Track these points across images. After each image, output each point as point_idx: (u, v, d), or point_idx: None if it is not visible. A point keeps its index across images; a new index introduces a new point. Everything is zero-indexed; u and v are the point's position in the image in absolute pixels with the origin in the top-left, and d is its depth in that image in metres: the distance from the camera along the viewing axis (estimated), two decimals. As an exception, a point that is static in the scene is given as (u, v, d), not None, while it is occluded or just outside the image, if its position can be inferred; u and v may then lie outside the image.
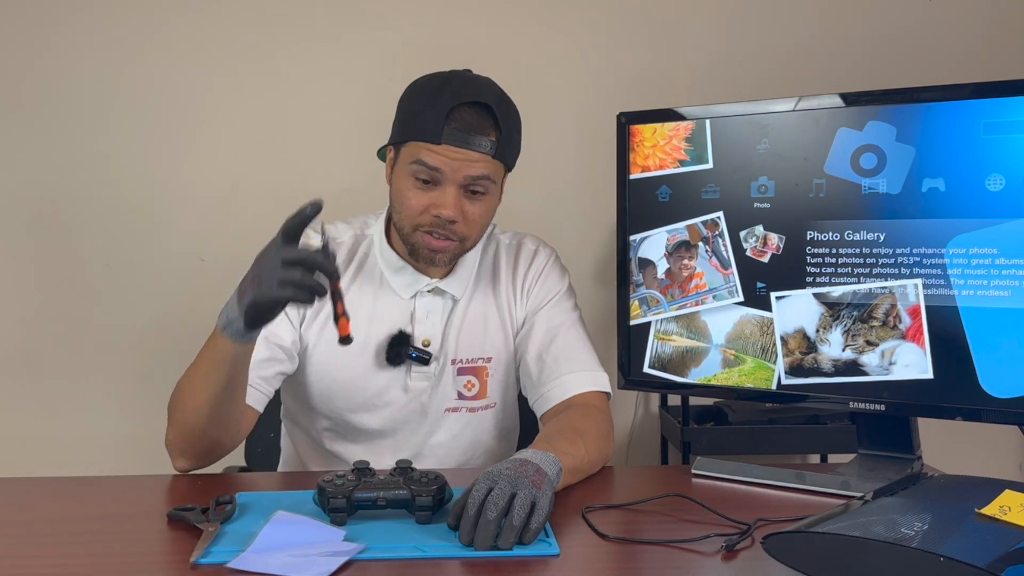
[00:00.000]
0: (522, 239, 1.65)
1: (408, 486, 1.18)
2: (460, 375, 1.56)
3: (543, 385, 1.54)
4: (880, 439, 1.42)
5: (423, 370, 1.53)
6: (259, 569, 1.02)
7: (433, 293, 1.55)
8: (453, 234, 1.46)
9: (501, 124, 1.44)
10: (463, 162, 1.42)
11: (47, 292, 2.36)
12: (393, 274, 1.55)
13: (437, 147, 1.41)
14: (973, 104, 1.30)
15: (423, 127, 1.42)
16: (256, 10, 2.34)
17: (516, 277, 1.61)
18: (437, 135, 1.41)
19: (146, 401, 2.37)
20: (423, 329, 1.54)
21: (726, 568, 1.08)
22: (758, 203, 1.45)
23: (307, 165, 2.37)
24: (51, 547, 1.15)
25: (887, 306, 1.36)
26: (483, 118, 1.43)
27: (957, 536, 0.94)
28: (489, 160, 1.44)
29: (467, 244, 1.50)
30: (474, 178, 1.43)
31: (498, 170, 1.47)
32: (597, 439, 1.43)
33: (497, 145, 1.44)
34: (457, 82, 1.45)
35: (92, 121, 2.33)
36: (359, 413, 1.54)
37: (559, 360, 1.54)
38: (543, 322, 1.57)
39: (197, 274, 2.36)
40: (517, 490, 1.12)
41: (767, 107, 1.45)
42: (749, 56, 2.41)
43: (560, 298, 1.60)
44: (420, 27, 2.36)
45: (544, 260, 1.63)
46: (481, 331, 1.57)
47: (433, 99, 1.43)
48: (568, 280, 1.64)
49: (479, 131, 1.42)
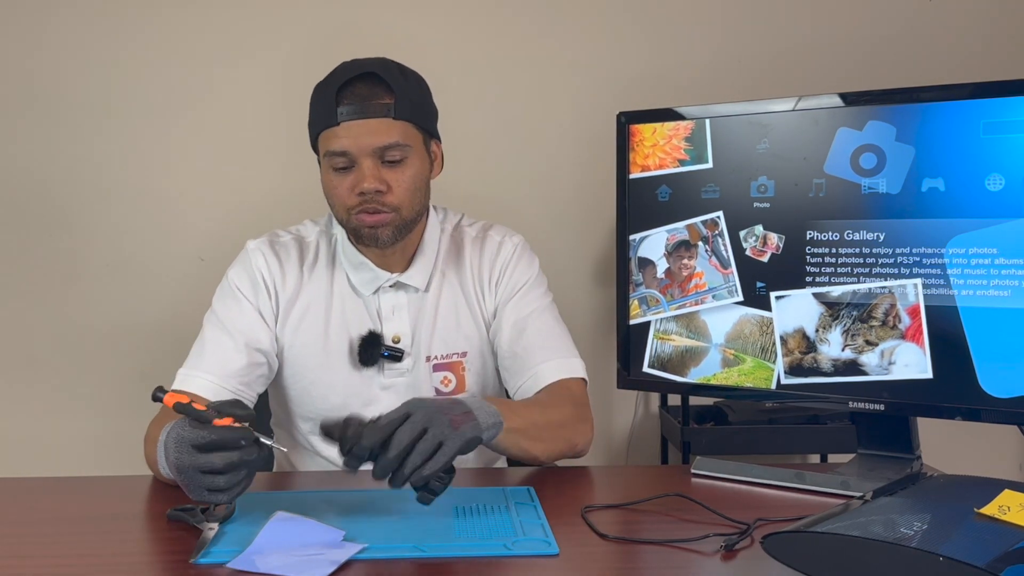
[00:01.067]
0: (488, 230, 1.63)
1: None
2: (436, 371, 1.56)
3: (518, 378, 1.54)
4: (880, 439, 1.42)
5: (397, 367, 1.53)
6: (259, 569, 1.03)
7: (396, 288, 1.55)
8: (384, 206, 1.45)
9: (393, 86, 1.44)
10: (364, 135, 1.42)
11: (47, 292, 2.36)
12: (354, 271, 1.55)
13: (338, 128, 1.43)
14: (973, 104, 1.30)
15: (321, 117, 1.46)
16: (258, 8, 2.34)
17: (483, 269, 1.59)
18: (333, 117, 1.43)
19: (146, 401, 2.35)
20: (392, 326, 1.54)
21: (726, 568, 1.08)
22: (758, 203, 1.45)
23: (307, 165, 2.36)
24: (51, 547, 1.15)
25: (887, 306, 1.36)
26: (373, 86, 1.44)
27: (957, 536, 0.94)
28: (391, 123, 1.43)
29: (404, 213, 1.48)
30: (384, 147, 1.43)
31: (408, 132, 1.46)
32: (561, 415, 1.43)
33: (395, 107, 1.43)
34: (343, 67, 1.48)
35: (92, 121, 2.33)
36: (338, 414, 1.53)
37: (529, 350, 1.53)
38: (512, 314, 1.57)
39: (197, 274, 2.36)
40: (430, 426, 1.14)
41: (767, 107, 1.45)
42: (749, 56, 2.41)
43: (529, 287, 1.59)
44: (420, 27, 2.36)
45: (511, 250, 1.60)
46: (453, 326, 1.57)
47: (322, 88, 1.47)
48: (537, 266, 1.62)
49: (371, 98, 1.43)
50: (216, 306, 1.54)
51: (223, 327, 1.51)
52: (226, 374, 1.47)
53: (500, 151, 2.35)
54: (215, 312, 1.53)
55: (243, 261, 1.56)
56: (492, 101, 2.34)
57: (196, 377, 1.48)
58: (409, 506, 1.21)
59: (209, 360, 1.48)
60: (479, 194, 2.26)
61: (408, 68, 1.50)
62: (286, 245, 1.57)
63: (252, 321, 1.51)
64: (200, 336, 1.53)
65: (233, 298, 1.53)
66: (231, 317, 1.51)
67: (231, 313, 1.52)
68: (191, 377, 1.48)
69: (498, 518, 1.20)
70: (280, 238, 1.59)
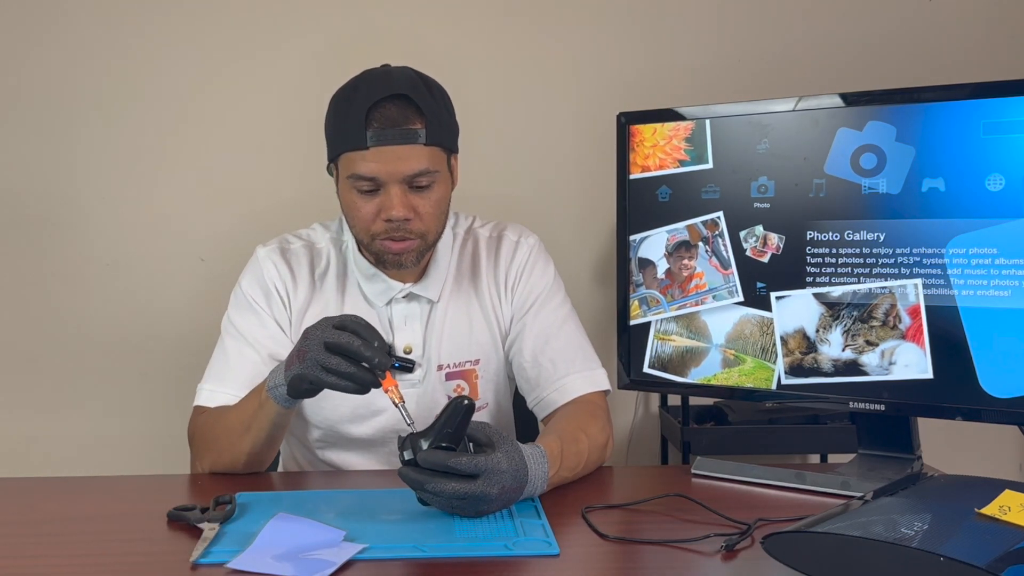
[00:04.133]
0: (503, 231, 1.61)
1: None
2: (448, 380, 1.54)
3: (542, 388, 1.53)
4: (880, 439, 1.42)
5: (408, 378, 1.51)
6: (259, 569, 1.03)
7: (408, 299, 1.53)
8: (410, 232, 1.43)
9: (424, 110, 1.40)
10: (396, 161, 1.39)
11: (47, 292, 2.36)
12: (366, 282, 1.53)
13: (366, 152, 1.39)
14: (973, 104, 1.30)
15: (347, 136, 1.41)
16: (257, 7, 2.34)
17: (498, 273, 1.58)
18: (362, 140, 1.39)
19: (146, 401, 2.37)
20: (403, 336, 1.53)
21: (726, 568, 1.08)
22: (758, 203, 1.45)
23: (307, 165, 2.36)
24: (51, 547, 1.15)
25: (887, 306, 1.36)
26: (403, 109, 1.39)
27: (957, 536, 0.94)
28: (422, 149, 1.40)
29: (429, 238, 1.47)
30: (413, 175, 1.41)
31: (436, 157, 1.43)
32: (596, 447, 1.43)
33: (426, 132, 1.40)
34: (368, 81, 1.43)
35: (92, 121, 2.33)
36: (348, 424, 1.53)
37: (556, 362, 1.53)
38: (535, 323, 1.55)
39: (197, 274, 2.36)
40: (478, 503, 1.16)
41: (767, 107, 1.45)
42: (749, 56, 2.41)
43: (549, 294, 1.57)
44: (420, 26, 2.36)
45: (526, 253, 1.59)
46: (465, 333, 1.55)
47: (348, 106, 1.41)
48: (553, 269, 1.61)
49: (401, 123, 1.39)
50: (234, 318, 1.53)
51: (244, 339, 1.50)
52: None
53: (500, 151, 2.34)
54: (234, 324, 1.52)
55: (254, 270, 1.54)
56: (492, 102, 2.34)
57: (224, 393, 1.47)
58: (410, 506, 1.21)
59: (236, 373, 1.47)
60: (479, 194, 2.25)
61: (432, 81, 1.47)
62: (296, 253, 1.55)
63: (273, 332, 1.51)
64: (221, 348, 1.52)
65: (250, 310, 1.52)
66: (251, 329, 1.50)
67: (250, 325, 1.51)
68: (218, 393, 1.47)
69: (499, 518, 1.20)
70: (291, 245, 1.56)
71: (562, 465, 1.32)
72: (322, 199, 1.54)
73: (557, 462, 1.30)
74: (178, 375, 2.31)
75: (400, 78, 1.43)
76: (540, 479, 1.25)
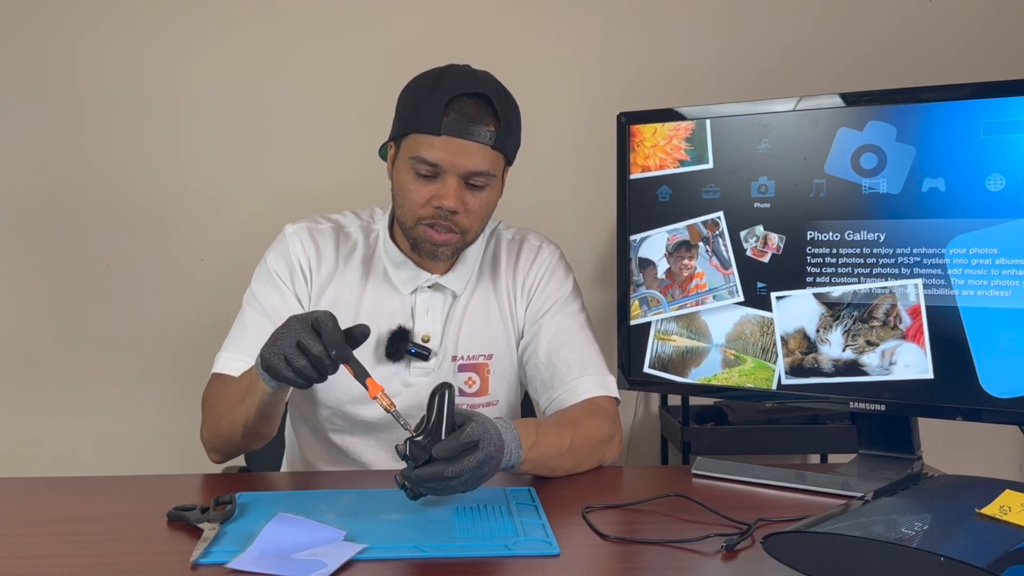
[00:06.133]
0: (525, 235, 1.65)
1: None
2: (461, 371, 1.56)
3: (554, 388, 1.55)
4: (880, 439, 1.42)
5: (423, 366, 1.53)
6: (259, 569, 1.02)
7: (433, 289, 1.55)
8: (455, 226, 1.46)
9: (500, 114, 1.44)
10: (462, 155, 1.42)
11: (47, 292, 2.36)
12: (394, 269, 1.55)
13: (436, 139, 1.41)
14: (973, 104, 1.30)
15: (422, 119, 1.43)
16: (256, 11, 2.34)
17: (518, 274, 1.61)
18: (436, 126, 1.41)
19: (146, 401, 2.37)
20: (423, 325, 1.54)
21: (726, 568, 1.08)
22: (758, 203, 1.45)
23: (308, 164, 2.37)
24: (51, 547, 1.15)
25: (887, 306, 1.36)
26: (482, 108, 1.43)
27: (957, 536, 0.94)
28: (488, 151, 1.43)
29: (468, 237, 1.50)
30: (474, 172, 1.43)
31: (498, 162, 1.47)
32: (590, 438, 1.44)
33: (496, 135, 1.43)
34: (455, 74, 1.46)
35: (92, 121, 2.33)
36: (358, 405, 1.54)
37: (570, 364, 1.54)
38: (552, 325, 1.57)
39: (197, 274, 2.36)
40: (472, 475, 1.17)
41: (767, 107, 1.45)
42: (749, 56, 2.41)
43: (567, 300, 1.60)
44: (420, 26, 2.36)
45: (548, 259, 1.62)
46: (482, 327, 1.57)
47: (431, 91, 1.43)
48: (573, 279, 1.64)
49: (478, 121, 1.42)
50: (256, 290, 1.55)
51: (264, 311, 1.51)
52: None
53: (500, 151, 2.35)
54: (256, 296, 1.54)
55: (280, 246, 1.57)
56: (492, 101, 2.34)
57: (238, 360, 1.48)
58: (410, 506, 1.21)
59: (252, 343, 1.46)
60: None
61: (510, 93, 1.49)
62: (324, 232, 1.58)
63: (293, 307, 1.52)
64: (240, 319, 1.54)
65: (272, 284, 1.54)
66: (272, 303, 1.52)
67: (272, 299, 1.53)
68: (233, 360, 1.49)
69: (499, 518, 1.20)
70: (319, 225, 1.59)
71: (539, 440, 1.33)
72: (323, 199, 1.55)
73: (532, 435, 1.32)
74: (178, 375, 2.32)
75: (484, 79, 1.46)
76: (513, 442, 1.28)
